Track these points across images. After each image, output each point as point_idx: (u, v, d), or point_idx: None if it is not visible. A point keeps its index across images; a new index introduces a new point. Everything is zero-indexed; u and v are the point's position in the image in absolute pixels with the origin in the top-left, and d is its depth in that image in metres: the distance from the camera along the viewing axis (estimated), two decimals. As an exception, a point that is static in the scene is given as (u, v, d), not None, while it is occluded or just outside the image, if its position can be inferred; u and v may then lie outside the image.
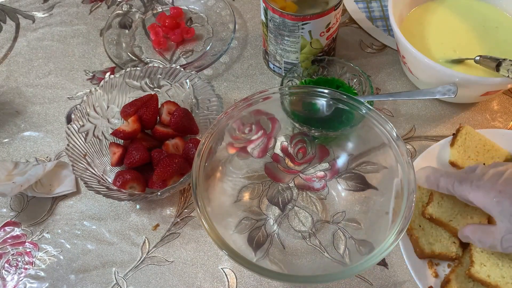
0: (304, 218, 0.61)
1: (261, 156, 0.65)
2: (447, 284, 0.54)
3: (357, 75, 0.69)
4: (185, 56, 0.81)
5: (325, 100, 0.60)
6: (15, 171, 0.66)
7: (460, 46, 0.70)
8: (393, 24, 0.67)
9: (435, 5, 0.76)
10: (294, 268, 0.58)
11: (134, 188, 0.62)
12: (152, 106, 0.66)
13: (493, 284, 0.52)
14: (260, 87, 0.76)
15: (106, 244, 0.62)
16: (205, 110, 0.68)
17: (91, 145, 0.65)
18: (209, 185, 0.57)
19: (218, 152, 0.60)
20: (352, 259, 0.57)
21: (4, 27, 0.86)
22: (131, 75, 0.69)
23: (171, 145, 0.65)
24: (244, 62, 0.79)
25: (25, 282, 0.60)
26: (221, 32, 0.82)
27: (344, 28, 0.82)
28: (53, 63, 0.81)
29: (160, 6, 0.86)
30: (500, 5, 0.74)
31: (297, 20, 0.64)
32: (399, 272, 0.59)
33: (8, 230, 0.64)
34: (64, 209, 0.66)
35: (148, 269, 0.60)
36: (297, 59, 0.71)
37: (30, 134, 0.73)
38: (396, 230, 0.49)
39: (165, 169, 0.61)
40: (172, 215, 0.64)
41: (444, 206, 0.57)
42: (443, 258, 0.57)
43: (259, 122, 0.64)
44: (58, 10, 0.88)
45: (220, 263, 0.61)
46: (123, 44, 0.81)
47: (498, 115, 0.71)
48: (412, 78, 0.73)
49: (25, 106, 0.76)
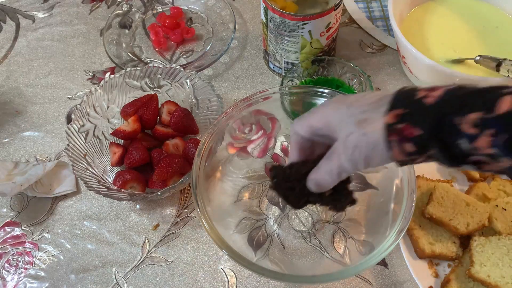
0: (304, 218, 0.61)
1: (261, 156, 0.65)
2: (447, 284, 0.54)
3: (357, 75, 0.69)
4: (185, 56, 0.81)
5: (325, 100, 0.60)
6: (15, 171, 0.66)
7: (460, 46, 0.70)
8: (393, 24, 0.67)
9: (435, 5, 0.76)
10: (294, 268, 0.58)
11: (134, 188, 0.62)
12: (152, 106, 0.66)
13: (493, 284, 0.52)
14: (260, 87, 0.76)
15: (106, 244, 0.62)
16: (205, 110, 0.68)
17: (91, 145, 0.65)
18: (209, 185, 0.57)
19: (218, 152, 0.60)
20: (352, 259, 0.57)
21: (4, 27, 0.86)
22: (131, 75, 0.69)
23: (171, 145, 0.65)
24: (244, 62, 0.79)
25: (25, 282, 0.60)
26: (221, 32, 0.82)
27: (344, 28, 0.82)
28: (53, 63, 0.81)
29: (160, 6, 0.86)
30: (500, 5, 0.74)
31: (297, 20, 0.64)
32: (399, 272, 0.59)
33: (8, 230, 0.64)
34: (64, 209, 0.66)
35: (148, 269, 0.60)
36: (297, 59, 0.71)
37: (30, 134, 0.73)
38: (396, 230, 0.49)
39: (165, 169, 0.61)
40: (172, 215, 0.64)
41: (444, 205, 0.57)
42: (443, 258, 0.57)
43: (259, 122, 0.64)
44: (58, 10, 0.88)
45: (220, 263, 0.61)
46: (123, 44, 0.81)
47: (498, 115, 0.71)
48: (412, 78, 0.73)
49: (25, 106, 0.76)
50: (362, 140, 0.38)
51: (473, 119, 0.34)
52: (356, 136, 0.39)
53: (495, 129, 0.33)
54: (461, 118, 0.34)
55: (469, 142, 0.34)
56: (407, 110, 0.37)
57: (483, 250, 0.54)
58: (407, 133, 0.36)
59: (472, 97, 0.35)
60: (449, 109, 0.35)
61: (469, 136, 0.34)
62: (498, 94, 0.34)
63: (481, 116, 0.34)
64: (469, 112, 0.34)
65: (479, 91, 0.35)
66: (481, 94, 0.35)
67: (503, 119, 0.33)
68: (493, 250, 0.54)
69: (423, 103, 0.36)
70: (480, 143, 0.34)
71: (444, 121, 0.35)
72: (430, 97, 0.36)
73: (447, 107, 0.35)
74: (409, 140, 0.36)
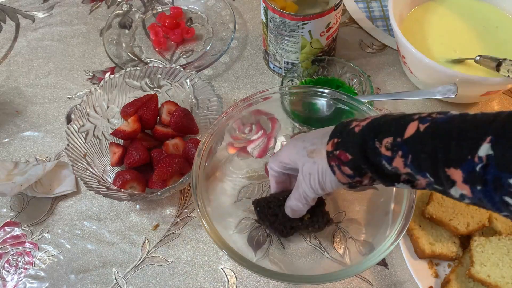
0: (304, 218, 0.61)
1: (261, 156, 0.65)
2: (447, 284, 0.54)
3: (357, 75, 0.69)
4: (185, 56, 0.81)
5: (325, 100, 0.60)
6: (15, 171, 0.66)
7: (460, 46, 0.70)
8: (393, 24, 0.67)
9: (435, 5, 0.76)
10: (294, 268, 0.58)
11: (134, 188, 0.62)
12: (152, 106, 0.66)
13: (493, 284, 0.52)
14: (260, 87, 0.76)
15: (106, 244, 0.62)
16: (205, 110, 0.68)
17: (91, 145, 0.65)
18: (209, 185, 0.57)
19: (218, 152, 0.60)
20: (352, 259, 0.57)
21: (4, 27, 0.86)
22: (131, 75, 0.69)
23: (171, 145, 0.65)
24: (244, 62, 0.79)
25: (25, 282, 0.60)
26: (221, 32, 0.82)
27: (344, 28, 0.82)
28: (53, 63, 0.81)
29: (160, 6, 0.86)
30: (500, 5, 0.74)
31: (297, 20, 0.64)
32: (399, 272, 0.59)
33: (8, 230, 0.64)
34: (64, 209, 0.66)
35: (148, 269, 0.60)
36: (297, 59, 0.71)
37: (30, 134, 0.73)
38: (396, 230, 0.49)
39: (165, 169, 0.61)
40: (172, 215, 0.64)
41: (444, 205, 0.57)
42: (443, 258, 0.57)
43: (259, 122, 0.64)
44: (58, 10, 0.88)
45: (220, 263, 0.61)
46: (123, 44, 0.81)
47: (498, 115, 0.71)
48: (412, 78, 0.73)
49: (25, 106, 0.76)
50: (313, 168, 0.46)
51: (387, 143, 0.39)
52: (309, 165, 0.46)
53: (401, 151, 0.38)
54: (379, 142, 0.40)
55: (389, 163, 0.40)
56: (340, 139, 0.43)
57: (483, 250, 0.54)
58: (343, 158, 0.43)
59: (389, 123, 0.40)
60: (371, 135, 0.41)
61: (387, 158, 0.40)
62: (409, 120, 0.39)
63: (392, 140, 0.39)
64: (384, 137, 0.40)
65: (398, 118, 0.40)
66: (397, 121, 0.40)
67: (408, 141, 0.38)
68: (493, 250, 0.54)
69: (353, 131, 0.42)
70: (396, 163, 0.39)
71: (367, 145, 0.41)
72: (358, 126, 0.42)
73: (369, 133, 0.41)
74: (345, 164, 0.43)
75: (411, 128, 0.38)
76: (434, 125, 0.37)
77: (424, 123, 0.38)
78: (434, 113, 0.39)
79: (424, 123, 0.38)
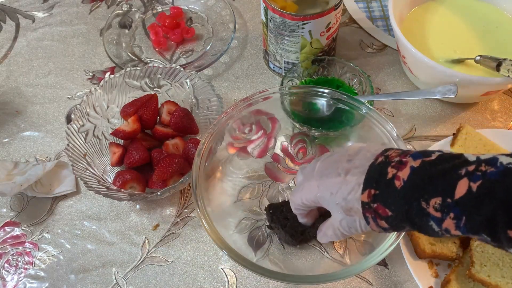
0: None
1: (261, 156, 0.65)
2: (448, 284, 0.54)
3: (357, 75, 0.69)
4: (185, 56, 0.81)
5: (325, 100, 0.61)
6: (15, 171, 0.66)
7: (460, 46, 0.70)
8: (393, 23, 0.67)
9: (435, 5, 0.76)
10: (294, 268, 0.58)
11: (134, 188, 0.62)
12: (152, 106, 0.66)
13: (493, 284, 0.52)
14: (260, 87, 0.76)
15: (106, 244, 0.62)
16: (205, 110, 0.68)
17: (91, 145, 0.65)
18: (209, 185, 0.57)
19: (218, 152, 0.60)
20: (352, 259, 0.57)
21: (4, 27, 0.86)
22: (131, 75, 0.69)
23: (171, 145, 0.65)
24: (244, 62, 0.79)
25: (25, 282, 0.60)
26: (221, 32, 0.82)
27: (344, 28, 0.82)
28: (53, 63, 0.81)
29: (160, 6, 0.86)
30: (500, 5, 0.74)
31: (297, 20, 0.64)
32: (399, 272, 0.59)
33: (8, 230, 0.64)
34: (64, 209, 0.66)
35: (148, 269, 0.60)
36: (297, 59, 0.71)
37: (30, 134, 0.73)
38: (396, 230, 0.48)
39: (165, 169, 0.61)
40: (172, 215, 0.64)
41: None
42: (443, 258, 0.57)
43: (259, 122, 0.64)
44: (58, 10, 0.88)
45: (220, 263, 0.61)
46: (123, 44, 0.81)
47: (498, 115, 0.71)
48: (412, 78, 0.73)
49: (25, 106, 0.76)
50: (350, 221, 0.46)
51: (435, 203, 0.37)
52: (348, 220, 0.46)
53: (453, 213, 0.36)
54: (425, 202, 0.38)
55: (438, 224, 0.38)
56: (378, 190, 0.41)
57: (483, 250, 0.54)
58: (381, 212, 0.41)
59: (435, 180, 0.38)
60: (415, 195, 0.38)
61: (436, 219, 0.38)
62: (457, 176, 0.36)
63: (441, 201, 0.37)
64: (432, 197, 0.37)
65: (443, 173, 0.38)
66: (444, 177, 0.37)
67: (460, 203, 0.36)
68: (494, 250, 0.54)
69: (393, 186, 0.40)
70: (446, 224, 0.37)
71: (412, 205, 0.39)
72: (398, 180, 0.40)
73: (414, 193, 0.39)
74: (382, 218, 0.41)
75: (462, 188, 0.36)
76: (487, 183, 0.35)
77: (475, 181, 0.35)
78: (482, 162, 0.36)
79: (475, 182, 0.35)
